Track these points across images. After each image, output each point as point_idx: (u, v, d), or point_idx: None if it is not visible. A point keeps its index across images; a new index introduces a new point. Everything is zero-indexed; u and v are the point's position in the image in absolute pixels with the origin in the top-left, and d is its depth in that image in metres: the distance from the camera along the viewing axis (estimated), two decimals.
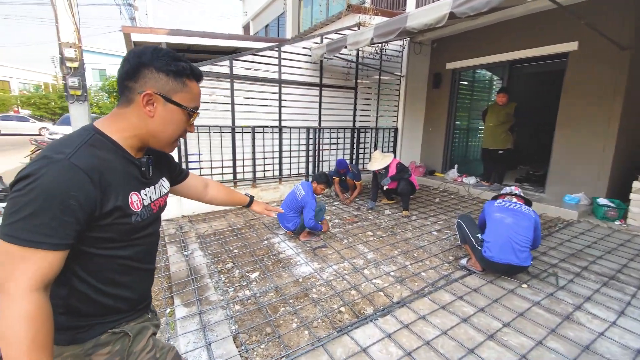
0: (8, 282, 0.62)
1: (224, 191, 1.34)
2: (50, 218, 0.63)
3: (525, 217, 2.46)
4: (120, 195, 0.75)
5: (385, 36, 3.36)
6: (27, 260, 0.63)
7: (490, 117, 4.86)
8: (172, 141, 0.86)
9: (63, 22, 3.36)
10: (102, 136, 0.76)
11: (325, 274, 2.71)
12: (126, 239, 0.80)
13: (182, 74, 0.80)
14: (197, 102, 0.86)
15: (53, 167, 0.64)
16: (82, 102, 3.52)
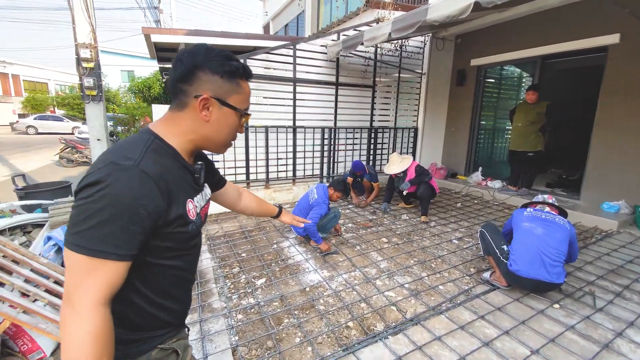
0: (74, 294, 0.60)
1: (256, 201, 1.30)
2: (119, 227, 0.61)
3: (559, 228, 2.20)
4: (180, 203, 0.74)
5: (404, 30, 3.15)
6: (95, 272, 0.60)
7: (519, 116, 4.51)
8: (227, 144, 0.84)
9: (80, 23, 3.39)
10: (160, 141, 0.74)
11: (334, 284, 2.56)
12: (182, 248, 0.79)
13: (235, 75, 0.77)
14: (248, 103, 0.84)
15: (123, 174, 0.62)
16: (98, 102, 3.55)
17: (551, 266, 2.11)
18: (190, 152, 0.82)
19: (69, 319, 0.59)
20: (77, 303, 0.59)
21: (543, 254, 2.12)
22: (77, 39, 3.36)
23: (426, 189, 3.94)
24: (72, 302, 0.59)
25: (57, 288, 2.22)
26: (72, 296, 0.60)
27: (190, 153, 0.82)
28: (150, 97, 13.50)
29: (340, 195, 3.37)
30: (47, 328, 1.78)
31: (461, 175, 5.97)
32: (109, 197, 0.60)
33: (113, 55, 25.68)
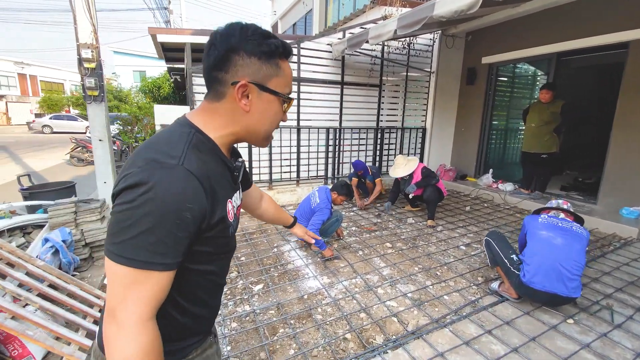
0: (119, 310, 0.55)
1: (274, 207, 1.22)
2: (166, 234, 0.55)
3: (577, 238, 2.04)
4: (222, 204, 0.68)
5: (410, 27, 3.02)
6: (140, 284, 0.55)
7: (532, 116, 4.31)
8: (269, 136, 0.76)
9: (81, 23, 3.37)
10: (201, 135, 0.67)
11: (333, 291, 2.46)
12: (220, 252, 0.72)
13: (274, 55, 0.68)
14: (291, 87, 0.74)
15: (168, 174, 0.57)
16: (100, 102, 3.53)
17: (569, 280, 1.96)
18: (229, 146, 0.75)
19: (115, 338, 0.55)
20: (123, 319, 0.55)
21: (562, 267, 1.98)
22: (79, 39, 3.35)
23: (433, 192, 3.80)
24: (116, 319, 0.55)
25: (50, 292, 2.19)
26: (117, 312, 0.55)
27: (229, 148, 0.76)
28: (160, 97, 13.62)
29: (344, 198, 3.28)
30: (35, 335, 1.73)
31: (471, 177, 5.78)
32: (155, 201, 0.54)
33: (126, 56, 26.10)
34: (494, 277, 2.62)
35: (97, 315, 2.27)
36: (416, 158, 4.09)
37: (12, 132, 20.92)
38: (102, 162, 3.69)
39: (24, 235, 2.86)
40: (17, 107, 28.73)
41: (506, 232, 3.60)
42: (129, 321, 0.55)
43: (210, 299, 0.77)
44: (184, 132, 0.66)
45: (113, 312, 0.55)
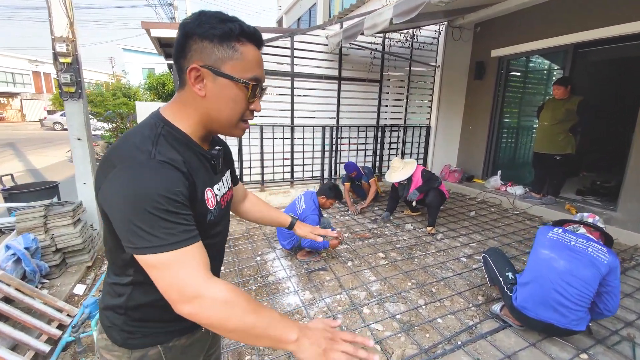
0: (184, 289, 0.59)
1: (261, 206, 1.17)
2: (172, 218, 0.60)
3: (590, 262, 1.66)
4: (200, 192, 0.70)
5: (407, 14, 2.72)
6: (181, 262, 0.60)
7: (546, 114, 3.93)
8: (234, 123, 0.73)
9: (57, 16, 3.18)
10: (170, 127, 0.69)
11: (314, 310, 2.21)
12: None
13: (229, 37, 0.66)
14: (255, 71, 0.69)
15: (145, 170, 0.60)
16: (77, 99, 3.34)
17: (569, 310, 1.65)
18: (202, 135, 0.74)
19: (203, 311, 0.59)
20: (193, 294, 0.59)
21: (560, 295, 1.67)
22: (54, 33, 3.15)
23: (436, 197, 3.49)
24: (188, 298, 0.59)
25: (1, 307, 2.01)
26: (184, 293, 0.59)
27: (203, 137, 0.75)
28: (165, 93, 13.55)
29: (333, 201, 2.99)
30: None
31: (478, 179, 5.43)
32: (140, 196, 0.58)
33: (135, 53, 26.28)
34: (496, 296, 2.32)
35: (54, 332, 2.08)
36: (414, 161, 3.78)
37: (26, 128, 21.36)
38: (82, 162, 3.51)
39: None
40: (31, 104, 29.41)
41: (513, 242, 3.28)
42: (201, 289, 0.59)
43: None
44: (153, 125, 0.68)
45: (181, 296, 0.59)
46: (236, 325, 0.59)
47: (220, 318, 0.59)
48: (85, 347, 1.96)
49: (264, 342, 0.60)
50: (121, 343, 0.75)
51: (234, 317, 0.59)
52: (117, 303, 0.73)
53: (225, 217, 0.87)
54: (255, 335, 0.60)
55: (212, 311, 0.59)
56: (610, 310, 1.68)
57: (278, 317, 0.62)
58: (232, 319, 0.59)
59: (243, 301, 0.61)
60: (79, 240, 2.91)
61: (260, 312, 0.61)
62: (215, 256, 0.84)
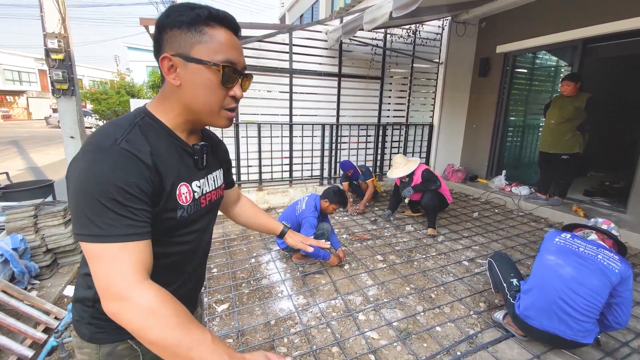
0: (111, 286, 0.56)
1: (253, 211, 1.13)
2: (115, 208, 0.57)
3: (599, 270, 1.53)
4: (169, 186, 0.67)
5: (406, 8, 2.60)
6: (114, 258, 0.57)
7: (553, 112, 3.79)
8: (215, 111, 0.70)
9: (49, 12, 3.12)
10: (151, 119, 0.69)
11: (307, 316, 2.12)
12: (169, 236, 0.71)
13: (197, 21, 0.64)
14: (227, 54, 0.66)
15: (105, 155, 0.58)
16: (70, 96, 3.29)
17: (575, 321, 1.54)
18: (184, 128, 0.73)
19: (123, 313, 0.55)
20: (118, 294, 0.55)
21: (565, 304, 1.56)
22: (46, 29, 3.09)
23: (431, 199, 3.37)
24: (113, 296, 0.56)
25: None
26: (109, 290, 0.56)
27: (188, 130, 0.74)
28: None
29: (336, 207, 2.79)
30: None
31: (482, 179, 5.29)
32: (92, 181, 0.56)
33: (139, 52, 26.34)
34: (499, 303, 2.21)
35: (39, 337, 2.02)
36: (417, 159, 3.67)
37: (31, 126, 21.52)
38: None
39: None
40: (37, 102, 29.65)
41: (517, 245, 3.16)
42: (127, 289, 0.55)
43: (169, 284, 0.70)
44: (131, 115, 0.68)
45: (112, 291, 0.55)
46: (157, 338, 0.53)
47: (141, 326, 0.54)
48: (69, 351, 1.89)
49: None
50: (88, 338, 0.72)
51: (156, 328, 0.53)
52: (86, 295, 0.71)
53: (206, 217, 0.82)
54: (175, 354, 0.53)
55: (133, 316, 0.54)
56: (620, 324, 1.57)
57: (209, 340, 0.55)
58: (153, 330, 0.53)
59: (170, 313, 0.55)
60: (70, 241, 2.84)
61: (189, 331, 0.54)
62: (189, 258, 0.80)
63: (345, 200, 2.83)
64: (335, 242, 2.81)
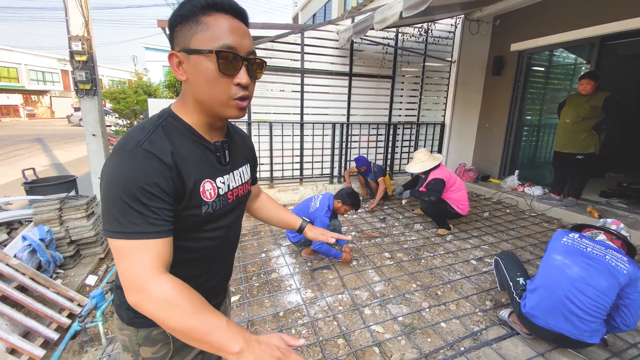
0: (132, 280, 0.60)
1: (273, 207, 1.15)
2: (136, 206, 0.61)
3: (607, 271, 1.53)
4: (191, 184, 0.69)
5: (417, 7, 2.62)
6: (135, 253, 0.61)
7: (568, 111, 3.72)
8: (223, 101, 0.69)
9: (73, 15, 3.28)
10: (174, 119, 0.72)
11: (314, 309, 2.19)
12: (195, 232, 0.74)
13: (193, 13, 0.65)
14: (225, 39, 0.65)
15: (127, 156, 0.62)
16: (92, 96, 3.45)
17: (582, 321, 1.54)
18: (205, 124, 0.74)
19: (143, 304, 0.59)
20: (137, 287, 0.60)
21: (572, 303, 1.56)
22: (70, 32, 3.26)
23: (427, 207, 3.34)
24: (133, 289, 0.60)
25: (15, 295, 2.10)
26: (130, 283, 0.60)
27: (208, 125, 0.75)
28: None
29: (348, 208, 2.82)
30: None
31: (494, 179, 5.23)
32: (116, 180, 0.60)
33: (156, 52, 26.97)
34: (505, 302, 2.22)
35: (64, 321, 2.16)
36: (440, 158, 3.46)
37: (54, 124, 22.39)
38: (96, 157, 3.63)
39: (10, 232, 2.83)
40: (60, 102, 30.80)
41: (528, 245, 3.13)
42: (146, 283, 0.59)
43: (196, 278, 0.77)
44: (157, 117, 0.70)
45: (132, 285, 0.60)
46: (176, 325, 0.58)
47: (160, 315, 0.58)
48: (91, 336, 2.02)
49: (205, 347, 0.58)
50: (128, 321, 0.78)
51: (174, 317, 0.58)
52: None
53: (234, 212, 0.84)
54: (195, 339, 0.57)
55: (152, 307, 0.58)
56: (628, 325, 1.56)
57: (224, 324, 0.58)
58: (171, 319, 0.58)
59: (186, 303, 0.59)
60: (92, 233, 3.00)
61: (204, 317, 0.58)
62: (217, 252, 0.82)
63: (358, 203, 2.83)
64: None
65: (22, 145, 11.38)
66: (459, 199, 3.32)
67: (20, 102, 27.82)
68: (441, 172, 3.32)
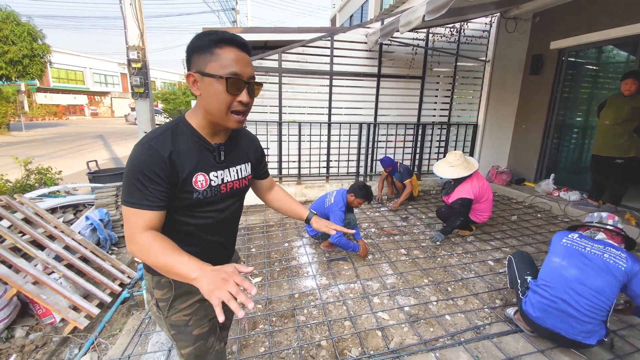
0: (130, 235, 0.84)
1: (284, 198, 1.32)
2: (139, 185, 0.83)
3: (606, 270, 1.55)
4: (185, 174, 0.89)
5: (437, 11, 2.69)
6: (133, 217, 0.85)
7: (608, 112, 3.51)
8: (224, 113, 0.88)
9: (131, 28, 3.75)
10: (184, 124, 0.93)
11: (326, 294, 2.37)
12: (189, 211, 0.94)
13: (209, 46, 0.85)
14: (232, 68, 0.85)
15: (139, 148, 0.85)
16: (145, 98, 3.92)
17: (578, 321, 1.56)
18: (209, 129, 0.94)
19: (134, 249, 0.83)
20: (132, 237, 0.83)
21: (568, 305, 1.58)
22: (128, 42, 3.75)
23: (442, 214, 3.31)
24: (129, 240, 0.84)
25: (78, 263, 2.53)
26: (128, 236, 0.84)
27: (211, 130, 0.94)
28: None
29: (361, 201, 2.94)
30: (48, 299, 2.02)
31: (529, 182, 5.02)
32: (129, 165, 0.84)
33: None
34: (515, 301, 2.23)
35: (116, 288, 2.56)
36: (475, 165, 3.17)
37: (114, 123, 24.82)
38: None
39: (75, 213, 3.36)
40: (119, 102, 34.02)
41: None
42: (136, 237, 0.83)
43: (194, 246, 0.98)
44: (171, 122, 0.92)
45: (130, 238, 0.84)
46: (152, 262, 0.80)
47: (143, 257, 0.82)
48: (136, 302, 2.38)
49: (176, 277, 0.78)
50: (147, 269, 1.03)
51: (150, 257, 0.80)
52: None
53: (227, 201, 1.03)
54: (168, 272, 0.79)
55: (138, 253, 0.83)
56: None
57: (186, 260, 0.77)
58: (149, 259, 0.80)
59: (157, 247, 0.81)
60: None
61: (171, 256, 0.78)
62: (209, 230, 1.02)
63: (371, 195, 2.96)
64: (357, 233, 3.00)
65: (86, 141, 12.87)
66: (482, 209, 3.22)
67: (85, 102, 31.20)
68: (471, 188, 3.08)
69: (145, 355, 1.85)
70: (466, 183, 3.13)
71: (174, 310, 1.03)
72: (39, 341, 2.00)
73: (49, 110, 27.03)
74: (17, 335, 2.07)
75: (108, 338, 2.09)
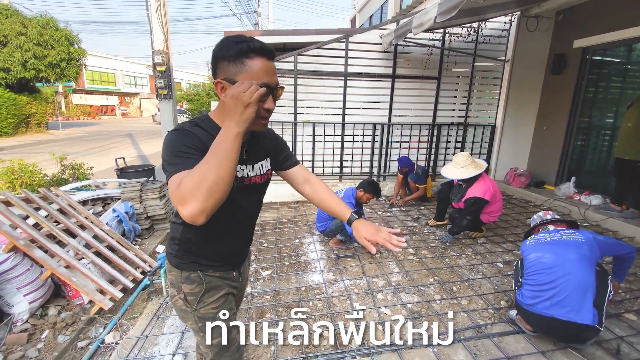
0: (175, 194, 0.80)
1: (324, 194, 1.20)
2: (182, 154, 0.85)
3: (571, 245, 1.76)
4: None
5: (448, 12, 2.70)
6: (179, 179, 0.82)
7: (632, 113, 3.36)
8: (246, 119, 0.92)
9: (156, 34, 3.99)
10: (210, 122, 0.98)
11: (332, 289, 2.46)
12: None
13: (240, 56, 0.87)
14: (262, 79, 0.88)
15: (177, 131, 0.90)
16: (168, 99, 4.15)
17: (567, 299, 1.66)
18: None
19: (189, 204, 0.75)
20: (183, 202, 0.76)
21: (555, 285, 1.70)
22: (154, 47, 3.99)
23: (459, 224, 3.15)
24: (182, 198, 0.76)
25: (105, 252, 2.75)
26: (181, 196, 0.76)
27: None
28: None
29: (370, 196, 3.06)
30: (78, 282, 2.23)
31: (549, 185, 4.86)
32: (169, 147, 0.87)
33: None
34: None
35: (138, 275, 2.76)
36: (484, 165, 3.16)
37: (142, 122, 25.99)
38: None
39: (104, 205, 3.62)
40: (147, 103, 35.60)
41: None
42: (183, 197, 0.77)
43: (217, 239, 1.05)
44: (197, 118, 0.98)
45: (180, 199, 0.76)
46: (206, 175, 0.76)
47: (200, 192, 0.74)
48: (156, 289, 2.56)
49: (229, 156, 0.77)
50: (175, 265, 1.07)
51: (201, 176, 0.76)
52: (175, 236, 1.07)
53: (246, 193, 1.05)
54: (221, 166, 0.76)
55: (193, 199, 0.75)
56: (629, 252, 1.80)
57: (213, 148, 0.78)
58: (204, 184, 0.75)
59: (195, 172, 0.76)
60: (163, 211, 3.67)
61: (206, 159, 0.77)
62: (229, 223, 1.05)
63: (379, 192, 3.05)
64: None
65: (116, 139, 13.60)
66: (495, 210, 3.18)
67: (116, 102, 32.88)
68: (485, 188, 3.04)
69: (161, 336, 2.01)
70: (478, 183, 3.10)
71: (202, 304, 1.07)
72: (68, 319, 2.22)
73: (84, 110, 28.75)
74: (50, 314, 2.30)
75: (129, 320, 2.27)
